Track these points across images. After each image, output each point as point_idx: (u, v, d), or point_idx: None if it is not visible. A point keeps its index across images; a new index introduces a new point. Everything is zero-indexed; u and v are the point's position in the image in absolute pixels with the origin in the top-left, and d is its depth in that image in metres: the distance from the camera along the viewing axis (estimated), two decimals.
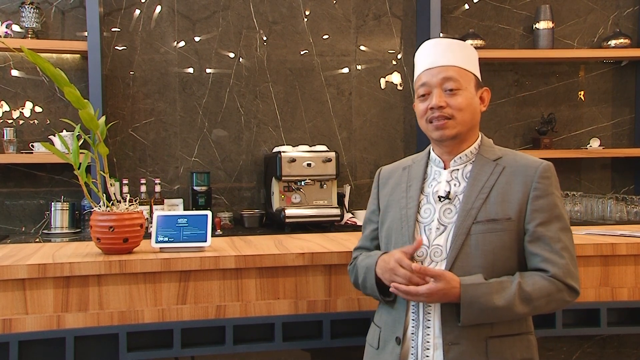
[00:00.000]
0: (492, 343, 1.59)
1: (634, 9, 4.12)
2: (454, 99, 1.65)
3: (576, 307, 2.25)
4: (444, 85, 1.66)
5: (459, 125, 1.66)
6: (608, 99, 4.15)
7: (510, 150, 1.75)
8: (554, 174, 1.67)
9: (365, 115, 3.89)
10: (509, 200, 1.63)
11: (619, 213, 3.66)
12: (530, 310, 1.58)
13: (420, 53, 1.75)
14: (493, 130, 4.05)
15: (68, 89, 1.96)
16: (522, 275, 1.60)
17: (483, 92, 1.73)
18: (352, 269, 1.88)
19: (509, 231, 1.61)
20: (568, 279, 1.59)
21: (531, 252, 1.62)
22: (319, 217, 3.32)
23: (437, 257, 1.64)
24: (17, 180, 3.51)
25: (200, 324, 2.08)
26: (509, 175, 1.66)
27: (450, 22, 3.98)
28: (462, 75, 1.66)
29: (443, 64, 1.67)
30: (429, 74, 1.68)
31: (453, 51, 1.68)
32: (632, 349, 2.55)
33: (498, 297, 1.53)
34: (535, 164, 1.66)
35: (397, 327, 1.68)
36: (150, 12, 3.65)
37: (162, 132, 3.66)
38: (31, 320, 1.98)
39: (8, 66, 3.51)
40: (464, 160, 1.71)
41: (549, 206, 1.63)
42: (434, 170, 1.75)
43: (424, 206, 1.71)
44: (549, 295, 1.57)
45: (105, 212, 2.10)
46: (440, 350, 1.60)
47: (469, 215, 1.62)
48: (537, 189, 1.63)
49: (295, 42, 3.82)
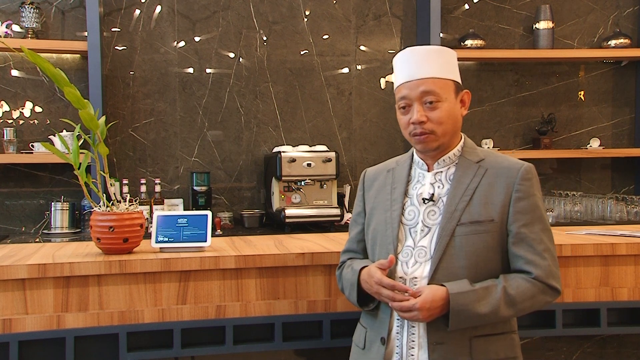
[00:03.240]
0: (477, 342, 1.63)
1: (634, 9, 4.12)
2: (434, 113, 1.67)
3: (576, 307, 2.25)
4: (423, 98, 1.68)
5: (440, 138, 1.69)
6: (608, 99, 4.15)
7: (491, 152, 1.79)
8: (535, 175, 1.70)
9: (365, 115, 3.89)
10: (491, 202, 1.66)
11: (619, 213, 3.66)
12: (514, 312, 1.62)
13: (398, 63, 1.76)
14: (493, 130, 4.05)
15: (68, 89, 1.96)
16: (506, 278, 1.63)
17: (463, 95, 1.76)
18: (339, 275, 1.90)
19: (492, 232, 1.64)
20: (550, 280, 1.63)
21: (514, 253, 1.65)
22: (319, 217, 3.32)
23: (422, 258, 1.67)
24: (17, 180, 3.51)
25: (200, 324, 2.08)
26: (492, 177, 1.68)
27: (450, 22, 3.98)
28: (441, 86, 1.68)
29: (421, 76, 1.68)
30: (408, 87, 1.70)
31: (430, 61, 1.69)
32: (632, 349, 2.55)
33: (485, 304, 1.57)
34: (516, 166, 1.69)
35: (382, 328, 1.71)
36: (150, 12, 3.65)
37: (162, 132, 3.66)
38: (31, 320, 1.98)
39: (8, 66, 3.51)
40: (447, 162, 1.74)
41: (531, 207, 1.65)
42: (418, 173, 1.78)
43: (408, 208, 1.74)
44: (532, 297, 1.61)
45: (105, 212, 2.10)
46: (425, 350, 1.63)
47: (453, 217, 1.65)
48: (519, 190, 1.66)
49: (295, 42, 3.82)
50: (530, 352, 2.45)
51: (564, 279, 2.23)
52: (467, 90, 1.78)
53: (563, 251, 2.21)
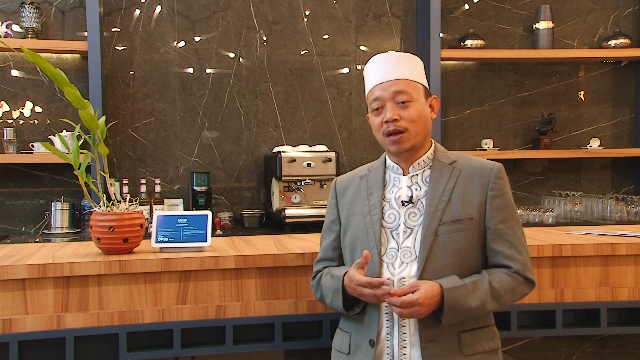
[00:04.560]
0: (464, 337, 1.69)
1: (634, 9, 4.12)
2: (406, 111, 1.74)
3: (576, 307, 2.25)
4: (395, 98, 1.75)
5: (412, 137, 1.75)
6: (608, 99, 4.15)
7: (461, 154, 1.85)
8: (505, 174, 1.79)
9: (365, 115, 3.88)
10: (469, 201, 1.73)
11: (619, 213, 3.66)
12: (498, 305, 1.69)
13: (370, 68, 1.83)
14: (493, 130, 4.05)
15: (68, 89, 1.96)
16: (490, 273, 1.70)
17: (432, 101, 1.82)
18: (315, 285, 1.91)
19: (473, 230, 1.71)
20: (527, 273, 1.72)
21: (493, 249, 1.72)
22: (319, 217, 3.32)
23: (407, 258, 1.71)
24: (17, 180, 3.51)
25: (200, 324, 2.08)
26: (466, 177, 1.76)
27: (450, 22, 3.98)
28: (412, 88, 1.75)
29: (393, 77, 1.76)
30: (381, 88, 1.76)
31: (402, 65, 1.78)
32: (632, 349, 2.55)
33: (474, 297, 1.64)
34: (489, 166, 1.77)
35: (369, 331, 1.73)
36: (150, 12, 3.65)
37: (162, 132, 3.67)
38: (31, 320, 1.98)
39: (8, 66, 3.51)
40: (422, 165, 1.80)
41: (505, 205, 1.74)
42: (393, 177, 1.83)
43: (387, 211, 1.79)
44: (513, 290, 1.70)
45: (105, 212, 2.10)
46: (418, 347, 1.66)
47: (435, 216, 1.71)
48: (493, 189, 1.74)
49: (295, 42, 3.82)
50: (530, 352, 2.46)
51: (564, 279, 2.24)
52: (435, 96, 1.85)
53: (563, 251, 2.21)
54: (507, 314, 2.20)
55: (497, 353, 1.76)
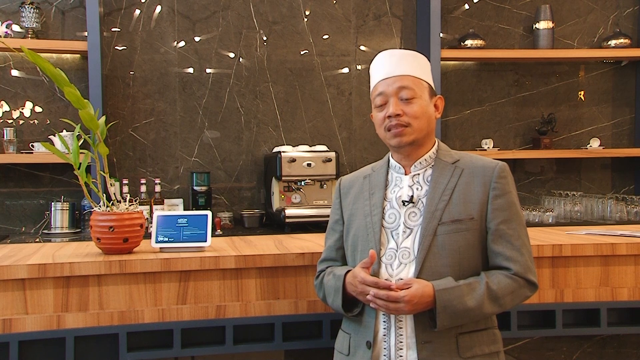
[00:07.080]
0: (462, 339, 1.66)
1: (634, 9, 4.12)
2: (409, 107, 1.72)
3: (576, 307, 2.25)
4: (399, 94, 1.73)
5: (415, 132, 1.73)
6: (608, 99, 4.15)
7: (465, 153, 1.83)
8: (510, 173, 1.76)
9: (365, 115, 3.89)
10: (470, 200, 1.70)
11: (619, 213, 3.66)
12: (497, 308, 1.65)
13: (376, 64, 1.82)
14: (493, 130, 4.05)
15: (68, 89, 1.96)
16: (488, 275, 1.66)
17: (437, 100, 1.81)
18: (319, 285, 1.90)
19: (473, 230, 1.68)
20: (528, 275, 1.67)
21: (494, 250, 1.69)
22: (319, 217, 3.32)
23: (406, 259, 1.69)
24: (17, 180, 3.51)
25: (200, 324, 2.08)
26: (468, 176, 1.73)
27: (450, 22, 3.98)
28: (416, 84, 1.74)
29: (398, 73, 1.74)
30: (385, 84, 1.75)
31: (407, 61, 1.77)
32: (632, 349, 2.55)
33: (469, 299, 1.61)
34: (492, 165, 1.74)
35: (367, 332, 1.72)
36: (150, 12, 3.65)
37: (162, 132, 3.67)
38: (31, 320, 1.98)
39: (8, 66, 3.51)
40: (423, 165, 1.78)
41: (508, 205, 1.71)
42: (395, 177, 1.82)
43: (388, 212, 1.77)
44: (513, 292, 1.66)
45: (105, 212, 2.10)
46: (414, 349, 1.65)
47: (434, 217, 1.69)
48: (495, 188, 1.70)
49: (295, 42, 3.82)
50: (530, 352, 2.46)
51: (564, 279, 2.23)
52: (440, 96, 1.83)
53: (563, 251, 2.21)
54: (507, 314, 2.20)
55: (498, 356, 1.73)
